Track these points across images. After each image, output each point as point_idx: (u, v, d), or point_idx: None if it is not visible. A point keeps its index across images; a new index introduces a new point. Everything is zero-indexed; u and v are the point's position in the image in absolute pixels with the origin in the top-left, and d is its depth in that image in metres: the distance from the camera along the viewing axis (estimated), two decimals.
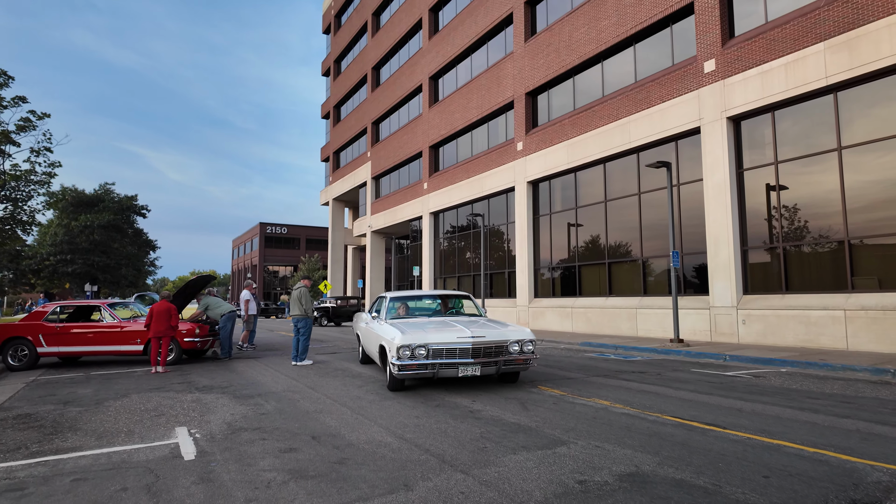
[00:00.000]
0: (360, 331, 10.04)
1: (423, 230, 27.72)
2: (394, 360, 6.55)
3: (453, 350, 6.57)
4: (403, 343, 6.50)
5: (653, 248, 15.19)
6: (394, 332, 6.77)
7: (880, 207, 10.45)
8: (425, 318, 8.04)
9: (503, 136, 22.07)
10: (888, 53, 10.04)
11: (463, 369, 6.55)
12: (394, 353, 6.55)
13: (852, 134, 10.89)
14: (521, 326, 7.42)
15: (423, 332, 6.78)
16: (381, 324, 7.81)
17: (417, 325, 7.32)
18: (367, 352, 8.98)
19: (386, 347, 6.92)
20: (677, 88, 14.23)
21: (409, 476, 3.67)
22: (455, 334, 6.68)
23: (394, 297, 8.76)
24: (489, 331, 6.90)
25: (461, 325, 7.14)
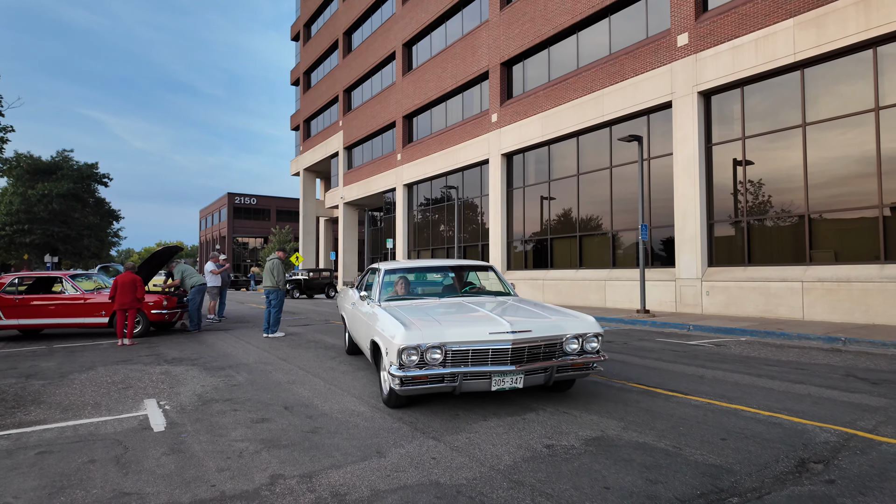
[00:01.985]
0: (345, 313, 7.51)
1: (397, 202, 27.51)
2: (394, 370, 4.14)
3: (484, 352, 4.20)
4: (409, 343, 4.11)
5: (623, 221, 15.43)
6: (393, 325, 4.40)
7: (840, 183, 10.81)
8: (434, 300, 5.60)
9: (478, 108, 21.86)
10: (854, 31, 10.24)
11: (499, 381, 4.20)
12: (394, 356, 4.18)
13: (817, 111, 11.16)
14: (576, 312, 4.93)
15: (437, 323, 4.41)
16: (373, 307, 5.44)
17: (425, 310, 4.99)
18: (355, 339, 6.59)
19: (381, 346, 4.57)
20: (650, 62, 14.27)
21: (381, 443, 3.72)
22: (485, 326, 4.29)
23: (390, 270, 6.15)
24: (535, 321, 4.55)
25: (491, 312, 4.78)
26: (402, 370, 4.12)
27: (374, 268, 6.65)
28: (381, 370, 4.86)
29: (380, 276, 5.99)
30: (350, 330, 7.03)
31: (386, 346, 4.39)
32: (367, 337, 5.32)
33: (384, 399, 4.76)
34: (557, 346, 4.47)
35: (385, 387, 4.72)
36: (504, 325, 4.33)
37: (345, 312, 7.60)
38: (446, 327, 4.30)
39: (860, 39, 10.19)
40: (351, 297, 7.13)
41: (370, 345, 5.16)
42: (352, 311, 6.75)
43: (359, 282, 7.38)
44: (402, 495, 2.85)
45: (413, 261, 6.40)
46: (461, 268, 6.73)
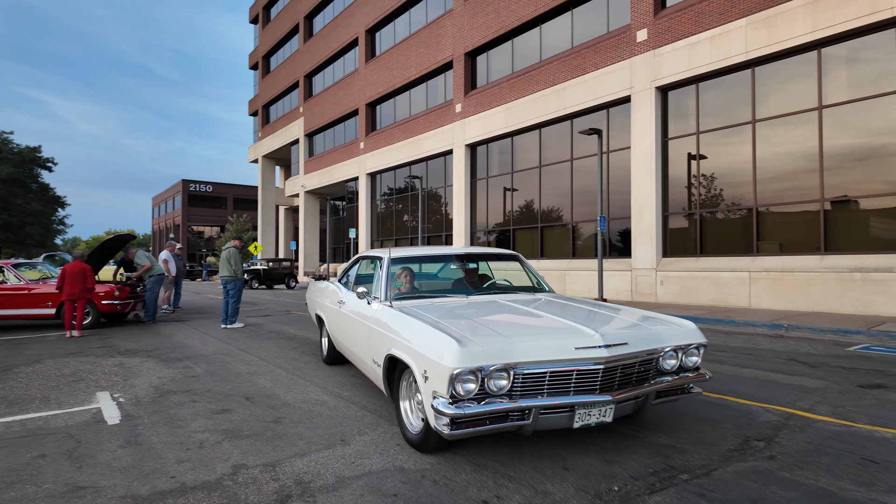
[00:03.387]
0: (324, 312, 5.95)
1: (360, 191, 27.23)
2: (442, 405, 2.80)
3: (566, 375, 2.96)
4: (466, 364, 2.79)
5: (583, 213, 15.77)
6: (435, 338, 3.03)
7: (786, 178, 11.36)
8: (460, 299, 4.26)
9: (442, 97, 21.81)
10: (801, 32, 10.72)
11: (584, 414, 2.99)
12: (441, 384, 2.84)
13: (767, 108, 11.66)
14: (667, 316, 3.73)
15: (498, 335, 3.07)
16: (380, 308, 4.05)
17: (460, 313, 3.70)
18: (343, 349, 5.20)
19: (414, 367, 3.14)
20: (611, 56, 14.56)
21: (346, 431, 3.73)
22: (568, 339, 3.05)
23: (399, 259, 4.70)
24: (627, 330, 3.39)
25: (559, 317, 3.56)
26: (457, 406, 2.75)
27: (371, 256, 5.19)
28: (406, 399, 3.53)
29: (384, 266, 4.47)
30: (334, 335, 5.48)
31: (424, 367, 2.97)
32: (375, 349, 3.86)
33: (412, 439, 3.30)
34: (653, 362, 3.27)
35: (413, 422, 3.39)
36: (593, 336, 3.04)
37: (323, 312, 5.95)
38: (515, 341, 2.93)
39: (807, 40, 10.68)
40: (333, 293, 5.64)
41: (384, 361, 3.60)
42: (337, 311, 5.22)
43: (342, 274, 5.88)
44: (367, 481, 2.88)
45: (424, 248, 5.17)
46: (482, 256, 5.27)
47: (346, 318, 4.88)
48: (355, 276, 5.48)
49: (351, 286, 5.26)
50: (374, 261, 5.05)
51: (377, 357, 3.83)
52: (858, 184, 10.35)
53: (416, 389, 3.39)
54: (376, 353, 3.85)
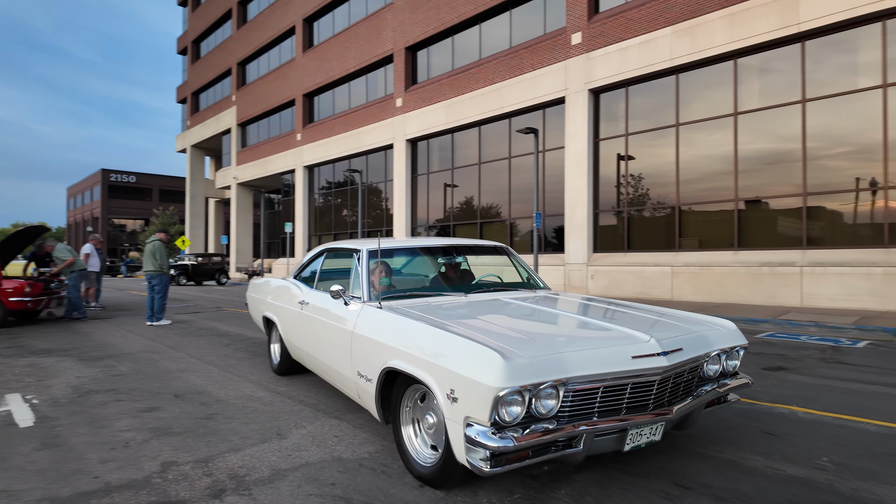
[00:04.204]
0: (277, 314, 5.07)
1: (297, 184, 26.55)
2: (482, 434, 2.21)
3: (620, 390, 2.50)
4: (514, 382, 2.20)
5: (520, 210, 16.19)
6: (468, 348, 2.43)
7: (705, 179, 12.19)
8: (458, 298, 3.69)
9: (383, 91, 21.64)
10: (720, 42, 11.51)
11: (636, 434, 2.56)
12: (481, 408, 2.23)
13: (690, 112, 12.43)
14: (700, 315, 3.38)
15: (538, 342, 2.60)
16: (367, 310, 3.35)
17: (479, 317, 3.16)
18: (305, 357, 4.42)
19: (431, 385, 2.52)
20: (547, 58, 15.00)
21: (282, 426, 3.68)
22: (623, 346, 2.59)
23: (377, 251, 3.78)
24: (672, 334, 2.85)
25: (592, 318, 3.22)
26: (501, 437, 2.17)
27: (341, 249, 4.39)
28: (410, 423, 2.91)
29: (362, 261, 3.73)
30: (291, 341, 4.64)
31: (451, 386, 2.37)
32: (361, 360, 3.20)
33: (422, 473, 2.71)
34: (699, 369, 2.88)
35: (422, 453, 2.79)
36: (648, 342, 2.60)
37: (275, 314, 5.06)
38: (564, 351, 2.42)
39: (725, 50, 11.48)
40: (290, 292, 4.79)
41: (378, 376, 2.94)
42: (298, 314, 4.42)
43: (300, 270, 4.98)
44: (305, 472, 2.88)
45: (405, 240, 4.52)
46: (468, 249, 4.68)
47: (312, 322, 4.09)
48: (320, 273, 4.52)
49: (316, 284, 4.42)
50: (348, 255, 4.21)
51: (366, 370, 3.13)
52: (768, 186, 11.26)
53: (425, 411, 2.78)
54: (364, 365, 3.16)
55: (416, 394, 2.88)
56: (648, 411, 2.57)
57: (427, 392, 2.76)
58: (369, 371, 3.11)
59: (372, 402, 3.13)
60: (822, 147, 10.57)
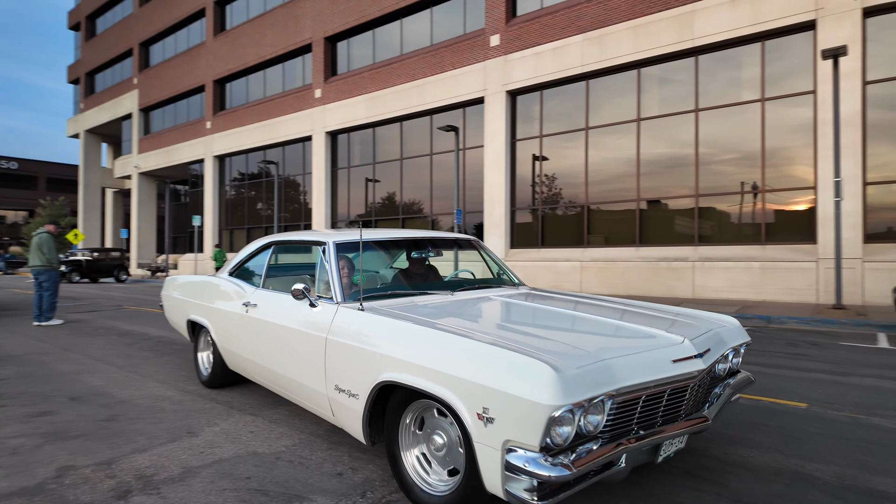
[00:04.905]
0: (209, 317, 4.37)
1: (206, 175, 25.13)
2: (532, 461, 1.87)
3: (658, 397, 2.27)
4: (571, 399, 1.87)
5: (441, 206, 16.42)
6: (506, 358, 2.03)
7: (612, 181, 13.03)
8: (441, 297, 3.28)
9: (301, 81, 21.02)
10: (626, 52, 12.33)
11: (668, 445, 2.34)
12: (530, 428, 1.87)
13: (599, 117, 13.22)
14: (702, 312, 3.21)
15: (576, 348, 2.24)
16: (344, 312, 2.88)
17: (490, 320, 2.89)
18: (253, 368, 3.76)
19: (455, 404, 2.10)
20: (467, 58, 15.31)
21: (193, 424, 3.55)
22: (657, 348, 2.36)
23: (344, 244, 3.38)
24: (697, 333, 2.67)
25: (597, 316, 2.89)
26: (554, 465, 1.86)
27: (294, 241, 3.86)
28: (414, 445, 2.52)
29: (330, 256, 3.22)
30: (232, 349, 4.00)
31: (484, 404, 2.01)
32: (341, 372, 2.74)
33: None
34: (713, 370, 2.67)
35: (432, 482, 2.41)
36: (682, 344, 2.42)
37: (207, 318, 4.35)
38: (608, 358, 2.14)
39: (630, 60, 12.32)
40: (226, 291, 4.15)
41: (370, 392, 2.52)
42: (241, 317, 3.80)
43: (238, 266, 4.33)
44: (219, 468, 2.82)
45: (376, 231, 3.93)
46: (437, 242, 4.12)
47: (263, 328, 3.51)
48: (268, 269, 3.94)
49: (263, 282, 3.86)
50: (305, 248, 3.92)
51: (348, 384, 2.67)
52: (666, 188, 12.25)
53: (431, 430, 2.41)
54: (345, 378, 2.70)
55: (419, 411, 2.47)
56: (682, 419, 2.39)
57: (433, 409, 2.38)
58: (353, 385, 2.64)
59: (356, 421, 2.64)
60: (713, 153, 11.66)
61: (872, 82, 9.85)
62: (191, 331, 4.85)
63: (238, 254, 4.42)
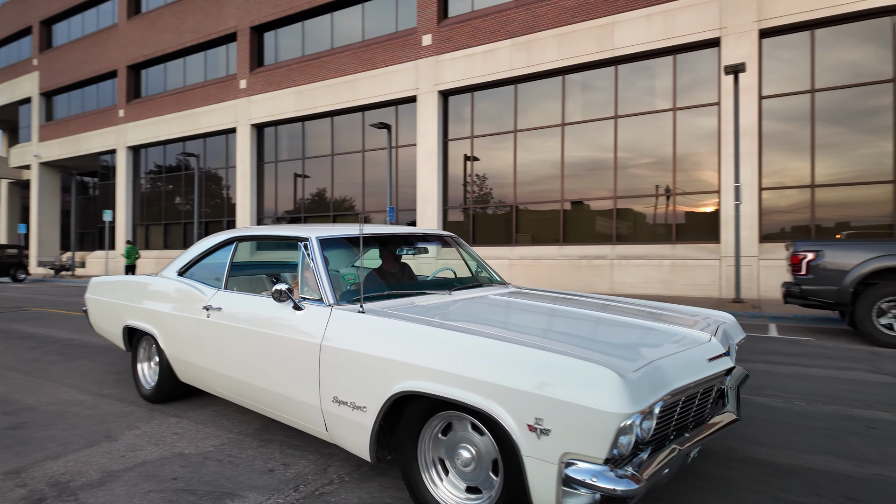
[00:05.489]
0: (155, 323, 3.90)
1: (118, 167, 23.47)
2: (588, 473, 1.78)
3: (692, 399, 2.26)
4: (639, 406, 1.78)
5: (374, 203, 16.35)
6: (563, 364, 1.89)
7: (538, 182, 13.55)
8: (439, 297, 3.13)
9: (224, 70, 20.12)
10: (552, 59, 12.86)
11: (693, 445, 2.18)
12: (596, 439, 1.76)
13: (527, 120, 13.69)
14: (700, 309, 3.22)
15: (623, 349, 2.19)
16: (342, 315, 2.63)
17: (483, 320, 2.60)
18: (216, 379, 3.37)
19: (499, 416, 1.94)
20: (399, 56, 15.33)
21: (112, 428, 3.40)
22: (692, 348, 2.31)
23: (326, 239, 3.11)
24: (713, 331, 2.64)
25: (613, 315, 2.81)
26: (621, 477, 1.77)
27: (261, 236, 3.52)
28: (436, 463, 2.31)
29: (314, 252, 2.96)
30: (186, 358, 3.57)
31: (537, 414, 1.87)
32: (342, 383, 2.49)
33: None
34: None
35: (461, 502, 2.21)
36: (711, 342, 2.39)
37: (157, 325, 3.85)
38: (655, 360, 2.07)
39: (555, 66, 12.85)
40: (179, 292, 3.71)
41: (382, 404, 2.31)
42: (198, 322, 3.43)
43: (191, 264, 3.90)
44: (142, 471, 2.74)
45: (346, 226, 3.53)
46: (416, 238, 4.00)
47: (234, 334, 3.14)
48: (231, 268, 3.59)
49: (226, 283, 3.50)
50: (279, 244, 3.64)
51: (352, 395, 2.44)
52: (588, 189, 12.91)
53: (455, 444, 2.23)
54: (348, 389, 2.45)
55: (435, 428, 2.28)
56: (709, 419, 2.36)
57: (466, 422, 2.18)
58: (359, 397, 2.41)
59: (361, 437, 2.42)
60: (630, 157, 12.43)
61: (767, 97, 10.91)
62: (127, 339, 4.27)
63: (188, 251, 4.02)
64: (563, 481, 1.81)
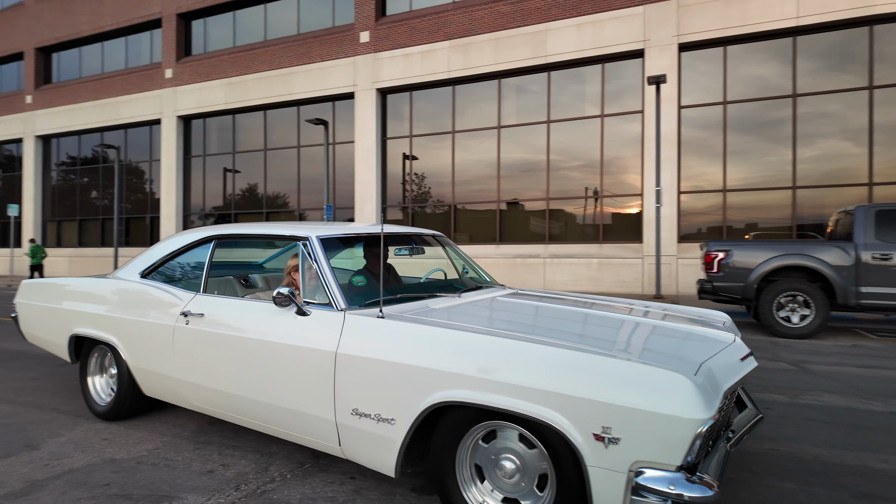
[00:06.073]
0: (113, 331, 3.47)
1: (25, 158, 21.61)
2: (673, 480, 1.78)
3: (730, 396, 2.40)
4: (712, 411, 1.81)
5: (309, 200, 16.05)
6: (629, 370, 1.88)
7: (476, 182, 13.83)
8: (446, 300, 2.98)
9: (148, 58, 19.02)
10: (488, 63, 13.16)
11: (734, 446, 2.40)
12: (677, 448, 1.77)
13: (465, 121, 13.93)
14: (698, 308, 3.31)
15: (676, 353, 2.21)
16: (369, 323, 2.45)
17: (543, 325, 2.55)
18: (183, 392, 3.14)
19: (561, 426, 1.90)
20: (337, 51, 15.14)
21: (33, 437, 3.23)
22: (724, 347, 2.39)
23: (328, 238, 2.93)
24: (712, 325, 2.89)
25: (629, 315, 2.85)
26: (694, 483, 1.78)
27: (247, 235, 3.23)
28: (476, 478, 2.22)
29: (317, 253, 2.78)
30: (167, 371, 3.16)
31: (610, 423, 1.84)
32: (366, 394, 2.34)
33: None
34: None
35: None
36: (735, 342, 2.49)
37: (118, 333, 3.43)
38: (704, 362, 2.09)
39: (492, 70, 13.17)
40: (146, 298, 3.36)
41: (415, 416, 2.20)
42: (177, 332, 3.10)
43: (152, 267, 3.57)
44: (70, 478, 2.64)
45: (351, 224, 3.54)
46: (401, 238, 3.73)
47: (223, 343, 2.85)
48: (210, 270, 3.29)
49: (205, 286, 3.20)
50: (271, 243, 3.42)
51: (377, 407, 2.31)
52: (523, 190, 13.33)
53: (497, 455, 2.15)
54: (372, 400, 2.32)
55: (481, 433, 2.18)
56: (734, 419, 2.42)
57: (504, 431, 2.13)
58: (385, 408, 2.27)
59: (388, 451, 2.28)
60: (562, 160, 12.96)
61: (686, 107, 11.72)
62: (73, 349, 3.81)
63: (152, 251, 3.64)
64: (634, 490, 1.79)
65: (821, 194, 10.89)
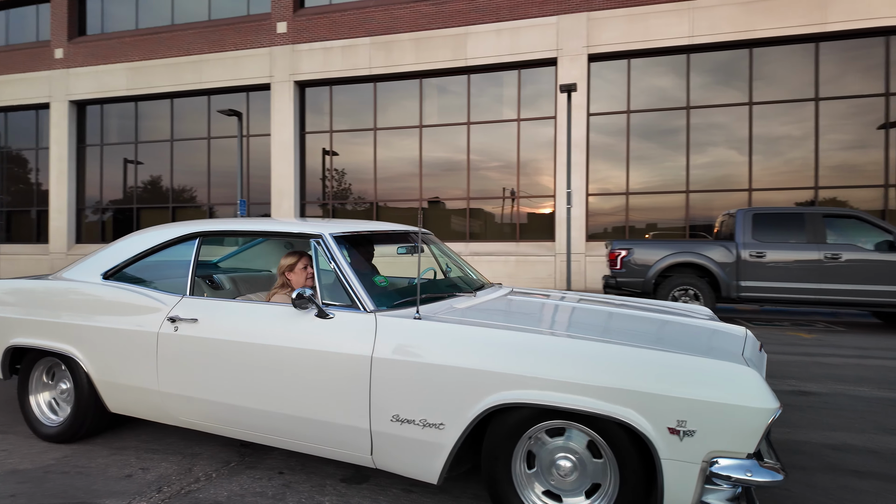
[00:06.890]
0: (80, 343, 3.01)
1: None
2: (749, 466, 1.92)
3: None
4: (777, 400, 1.99)
5: (221, 194, 15.32)
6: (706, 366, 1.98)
7: (398, 179, 13.91)
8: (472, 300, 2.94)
9: (34, 35, 17.22)
10: (410, 62, 13.27)
11: None
12: (750, 436, 1.93)
13: (387, 118, 13.94)
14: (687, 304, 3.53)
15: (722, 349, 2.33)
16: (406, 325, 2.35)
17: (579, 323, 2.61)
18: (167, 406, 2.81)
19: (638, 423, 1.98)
20: (252, 40, 14.58)
21: None
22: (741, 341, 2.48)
23: (342, 236, 2.79)
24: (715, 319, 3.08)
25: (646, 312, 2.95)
26: (767, 469, 1.91)
27: (243, 232, 3.08)
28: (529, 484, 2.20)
29: (334, 252, 2.64)
30: (145, 384, 2.83)
31: (684, 416, 1.92)
32: (408, 399, 2.26)
33: None
34: None
35: None
36: (748, 335, 2.60)
37: (79, 343, 3.01)
38: (742, 353, 2.25)
39: (413, 69, 13.29)
40: (118, 302, 2.97)
41: (468, 421, 2.15)
42: (160, 340, 2.78)
43: (120, 267, 3.14)
44: None
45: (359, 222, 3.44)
46: (388, 237, 3.57)
47: (230, 350, 2.60)
48: (196, 270, 2.99)
49: (191, 288, 2.90)
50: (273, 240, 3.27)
51: (421, 413, 2.22)
52: (445, 189, 13.60)
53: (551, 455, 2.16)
54: (417, 405, 2.23)
55: (538, 433, 2.17)
56: None
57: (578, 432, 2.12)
58: (433, 413, 2.19)
59: (435, 457, 2.21)
60: (482, 160, 13.36)
61: (594, 114, 12.52)
62: (8, 363, 3.31)
63: (115, 249, 3.22)
64: (708, 478, 1.90)
65: (710, 198, 12.08)
